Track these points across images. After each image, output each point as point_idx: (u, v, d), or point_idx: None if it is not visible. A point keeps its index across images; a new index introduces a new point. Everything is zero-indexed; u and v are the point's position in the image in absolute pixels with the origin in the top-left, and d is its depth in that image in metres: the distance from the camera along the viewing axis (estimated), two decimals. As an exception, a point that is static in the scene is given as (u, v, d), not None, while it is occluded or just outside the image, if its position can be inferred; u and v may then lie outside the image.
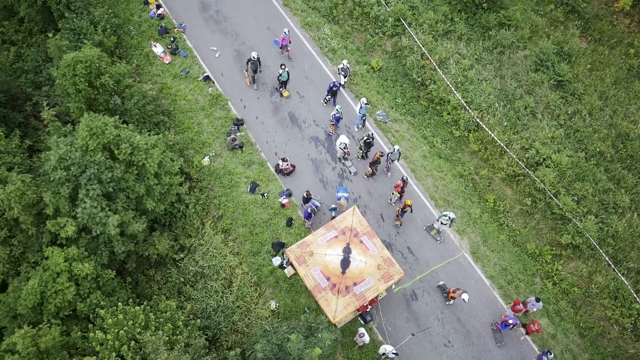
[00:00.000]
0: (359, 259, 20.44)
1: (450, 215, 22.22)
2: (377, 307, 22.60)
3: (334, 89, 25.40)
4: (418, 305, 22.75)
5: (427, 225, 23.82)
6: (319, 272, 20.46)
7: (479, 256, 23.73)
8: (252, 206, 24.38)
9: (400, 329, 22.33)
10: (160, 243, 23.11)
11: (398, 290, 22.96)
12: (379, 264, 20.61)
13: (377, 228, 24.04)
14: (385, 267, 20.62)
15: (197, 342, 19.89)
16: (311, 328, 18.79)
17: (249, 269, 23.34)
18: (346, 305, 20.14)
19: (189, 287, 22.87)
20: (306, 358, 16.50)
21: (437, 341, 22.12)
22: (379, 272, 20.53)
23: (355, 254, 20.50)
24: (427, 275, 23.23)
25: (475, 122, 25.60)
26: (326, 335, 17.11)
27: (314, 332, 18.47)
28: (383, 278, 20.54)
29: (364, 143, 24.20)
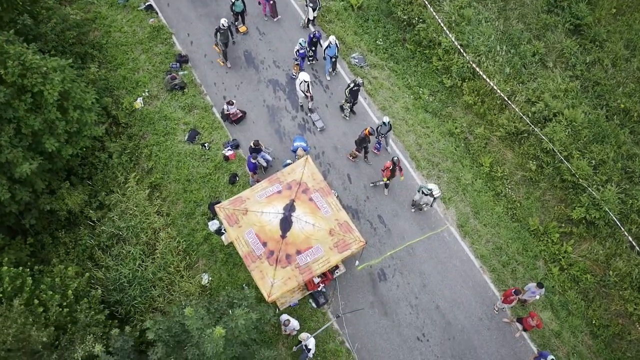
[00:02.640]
0: (305, 219, 15.71)
1: (433, 190, 17.48)
2: (334, 287, 17.86)
3: (314, 40, 20.72)
4: (387, 287, 17.99)
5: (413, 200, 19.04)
6: (253, 235, 15.76)
7: (468, 231, 18.92)
8: (189, 158, 19.78)
9: (362, 316, 17.58)
10: (71, 197, 18.58)
11: (362, 268, 18.22)
12: (332, 229, 15.87)
13: (341, 192, 19.33)
14: (340, 234, 15.88)
15: (92, 319, 15.29)
16: (233, 305, 14.11)
17: (178, 233, 18.74)
18: (286, 280, 15.43)
19: (101, 253, 18.29)
20: (206, 340, 11.84)
21: (408, 334, 17.33)
22: (331, 238, 15.80)
23: (300, 214, 15.77)
24: (400, 251, 18.47)
25: (470, 69, 20.81)
26: (240, 313, 12.43)
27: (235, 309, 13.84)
28: (337, 247, 15.80)
29: (350, 92, 19.48)
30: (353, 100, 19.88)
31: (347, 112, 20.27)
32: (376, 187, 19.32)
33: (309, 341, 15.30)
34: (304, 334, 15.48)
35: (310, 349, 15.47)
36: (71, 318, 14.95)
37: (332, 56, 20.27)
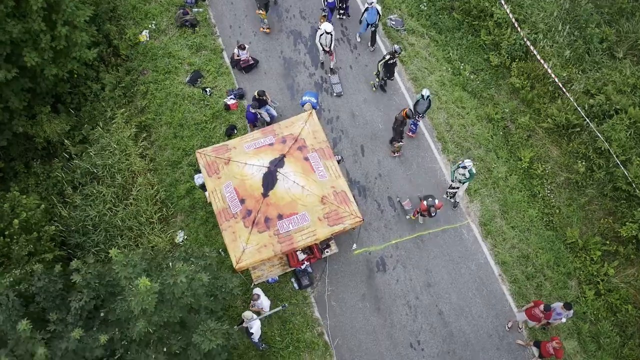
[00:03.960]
0: (294, 179, 13.15)
1: (467, 165, 14.72)
2: (323, 269, 15.26)
3: None
4: (385, 280, 15.26)
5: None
6: (231, 189, 13.34)
7: (491, 231, 15.96)
8: (187, 102, 17.53)
9: (349, 307, 14.92)
10: (51, 124, 16.65)
11: (359, 253, 15.55)
12: (325, 196, 13.27)
13: (351, 164, 16.71)
14: (333, 203, 13.27)
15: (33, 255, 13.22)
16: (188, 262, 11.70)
17: (159, 181, 16.53)
18: (261, 247, 12.93)
19: (71, 190, 16.25)
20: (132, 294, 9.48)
21: (401, 338, 14.57)
22: (322, 207, 13.20)
23: (288, 171, 13.22)
24: (407, 241, 15.71)
25: (524, 47, 17.80)
26: (182, 269, 10.01)
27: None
28: (327, 218, 13.20)
29: (385, 65, 16.71)
30: (388, 76, 17.17)
31: (377, 83, 17.61)
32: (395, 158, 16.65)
33: (252, 323, 12.72)
34: (248, 312, 12.91)
35: (252, 333, 12.94)
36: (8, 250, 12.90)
37: (370, 23, 17.54)
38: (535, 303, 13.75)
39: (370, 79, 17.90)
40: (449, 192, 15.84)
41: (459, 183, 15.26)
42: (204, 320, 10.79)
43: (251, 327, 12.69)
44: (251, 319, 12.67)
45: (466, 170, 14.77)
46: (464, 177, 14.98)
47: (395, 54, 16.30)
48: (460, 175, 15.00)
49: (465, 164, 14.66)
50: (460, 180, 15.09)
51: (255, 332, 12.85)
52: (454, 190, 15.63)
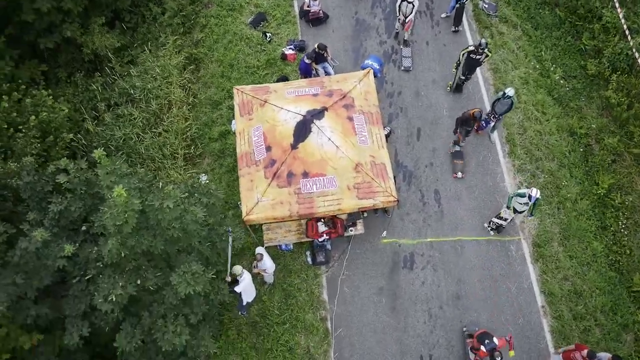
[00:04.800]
0: (329, 136, 11.52)
1: (532, 194, 12.33)
2: (344, 250, 13.61)
3: None
4: (409, 278, 13.43)
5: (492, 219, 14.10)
6: (260, 134, 11.91)
7: (545, 255, 13.75)
8: (244, 43, 16.29)
9: (362, 298, 13.21)
10: (101, 38, 15.88)
11: (388, 243, 13.78)
12: (361, 164, 11.59)
13: (403, 146, 14.95)
14: (368, 175, 11.57)
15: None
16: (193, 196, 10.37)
17: (194, 118, 15.40)
18: (277, 203, 11.44)
19: (105, 107, 15.38)
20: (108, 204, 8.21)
21: (411, 347, 12.72)
22: (354, 176, 11.54)
23: (325, 125, 11.61)
24: (445, 243, 13.79)
25: (630, 59, 15.36)
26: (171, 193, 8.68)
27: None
28: (357, 189, 11.52)
29: (467, 57, 14.45)
30: (467, 73, 14.93)
31: (454, 81, 15.39)
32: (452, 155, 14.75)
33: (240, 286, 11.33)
34: (238, 267, 11.43)
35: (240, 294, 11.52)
36: (15, 143, 12.04)
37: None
38: (577, 347, 11.53)
39: (445, 59, 16.02)
40: (495, 222, 13.60)
41: (512, 213, 13.07)
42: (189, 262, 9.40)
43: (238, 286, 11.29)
44: (240, 274, 11.24)
45: (529, 201, 12.31)
46: (524, 206, 12.72)
47: (480, 48, 14.10)
48: (520, 205, 12.72)
49: (532, 192, 12.20)
50: (517, 210, 12.87)
51: (241, 290, 11.42)
52: (500, 222, 13.45)
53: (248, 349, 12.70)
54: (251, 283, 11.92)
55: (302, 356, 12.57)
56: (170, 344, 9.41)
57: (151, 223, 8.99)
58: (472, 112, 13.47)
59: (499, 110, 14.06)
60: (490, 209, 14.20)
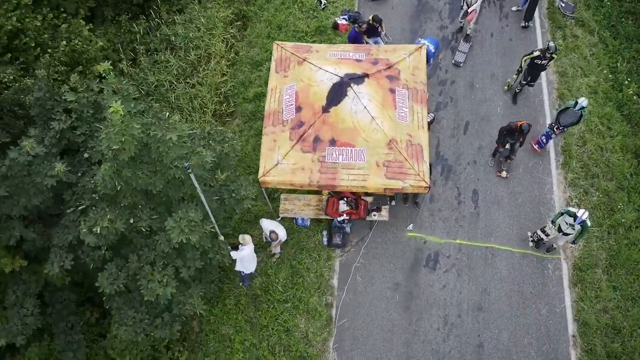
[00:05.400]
0: (365, 104, 10.45)
1: (580, 215, 10.92)
2: (363, 236, 12.56)
3: None
4: (429, 279, 12.24)
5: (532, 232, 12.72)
6: (292, 93, 10.99)
7: (585, 280, 12.27)
8: (296, 7, 15.47)
9: (374, 291, 12.12)
10: (152, -22, 15.36)
11: (412, 237, 12.64)
12: (395, 140, 10.49)
13: (447, 138, 13.76)
14: (401, 153, 10.46)
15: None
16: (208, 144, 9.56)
17: (232, 76, 14.65)
18: (297, 168, 10.51)
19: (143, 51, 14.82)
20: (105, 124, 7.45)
21: (420, 352, 11.55)
22: (385, 151, 10.45)
23: (363, 92, 10.55)
24: (475, 248, 12.53)
25: None
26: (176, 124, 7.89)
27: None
28: (387, 167, 10.44)
29: (530, 64, 13.04)
30: (530, 80, 13.44)
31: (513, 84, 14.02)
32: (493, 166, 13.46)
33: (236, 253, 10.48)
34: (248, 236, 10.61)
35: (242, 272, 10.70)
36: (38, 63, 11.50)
37: None
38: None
39: (509, 55, 14.72)
40: (538, 234, 12.20)
41: (557, 232, 11.67)
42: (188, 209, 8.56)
43: (239, 253, 10.46)
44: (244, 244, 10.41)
45: (575, 223, 10.92)
46: (569, 228, 11.28)
47: (548, 53, 12.71)
48: (565, 226, 11.29)
49: (580, 213, 10.80)
50: (562, 229, 11.47)
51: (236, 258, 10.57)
52: (543, 236, 12.06)
53: (243, 322, 11.81)
54: (252, 257, 11.04)
55: (298, 340, 11.58)
56: (153, 293, 8.61)
57: (153, 157, 8.18)
58: (520, 124, 12.03)
59: (564, 122, 12.61)
60: (532, 221, 12.83)
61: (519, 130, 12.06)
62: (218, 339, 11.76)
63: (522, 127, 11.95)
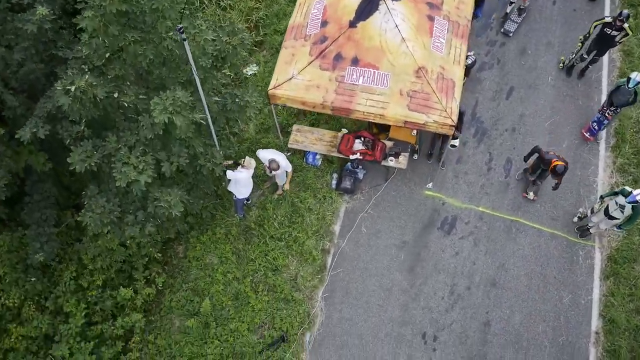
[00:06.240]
0: (398, 23, 9.28)
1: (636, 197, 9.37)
2: (376, 186, 11.40)
3: None
4: (442, 243, 10.97)
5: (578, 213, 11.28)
6: (320, 7, 9.97)
7: (620, 274, 10.71)
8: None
9: (378, 245, 10.92)
10: None
11: (430, 196, 11.40)
12: (425, 68, 9.31)
13: (487, 101, 12.46)
14: (430, 85, 9.27)
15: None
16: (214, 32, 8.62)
17: (266, 6, 13.77)
18: (312, 85, 9.48)
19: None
20: None
21: (417, 319, 10.29)
22: (412, 80, 9.29)
23: (397, 9, 9.40)
24: (498, 220, 11.19)
25: None
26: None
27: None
28: (410, 97, 9.28)
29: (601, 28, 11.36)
30: (597, 52, 11.92)
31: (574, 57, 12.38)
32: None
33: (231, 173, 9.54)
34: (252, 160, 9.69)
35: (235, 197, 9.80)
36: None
37: None
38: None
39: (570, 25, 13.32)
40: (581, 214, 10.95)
41: (602, 216, 10.22)
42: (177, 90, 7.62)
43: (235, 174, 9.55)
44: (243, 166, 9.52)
45: (627, 202, 9.46)
46: (617, 211, 9.83)
47: (618, 20, 11.23)
48: (615, 207, 9.84)
49: (635, 192, 9.32)
50: (609, 212, 10.03)
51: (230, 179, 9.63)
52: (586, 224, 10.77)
53: (230, 254, 10.81)
54: (247, 183, 10.08)
55: (285, 281, 10.49)
56: (125, 178, 7.69)
57: (147, 21, 7.30)
58: (554, 164, 10.03)
59: (617, 102, 11.11)
60: (569, 201, 11.38)
61: (552, 170, 10.18)
62: (200, 267, 10.80)
63: (556, 168, 10.00)
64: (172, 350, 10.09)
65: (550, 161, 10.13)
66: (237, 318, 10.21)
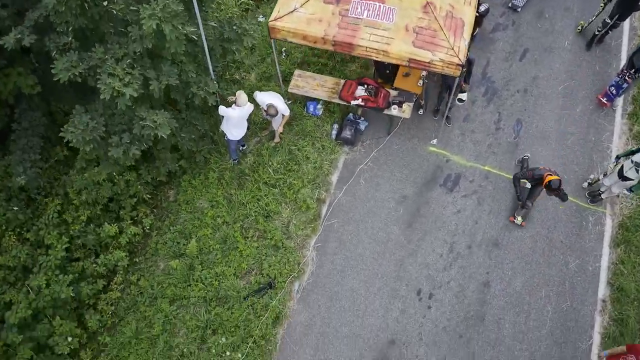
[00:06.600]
0: (408, -48, 8.88)
1: None
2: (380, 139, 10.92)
3: None
4: (443, 200, 10.45)
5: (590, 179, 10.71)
6: (329, -62, 9.55)
7: (631, 242, 10.06)
8: None
9: (376, 198, 10.43)
10: None
11: (434, 152, 10.89)
12: (432, 4, 8.82)
13: (499, 61, 11.94)
14: (438, 22, 8.78)
15: None
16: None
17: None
18: (314, 19, 9.06)
19: None
20: None
21: (412, 275, 9.78)
22: (419, 15, 8.81)
23: (410, -61, 9.00)
24: (505, 180, 10.64)
25: None
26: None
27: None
28: (416, 34, 8.80)
29: None
30: (616, 15, 11.27)
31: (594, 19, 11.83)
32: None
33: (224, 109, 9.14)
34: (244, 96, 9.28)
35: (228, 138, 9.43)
36: None
37: None
38: (630, 349, 8.00)
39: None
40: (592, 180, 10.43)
41: (615, 178, 9.67)
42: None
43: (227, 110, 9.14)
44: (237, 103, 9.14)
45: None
46: (633, 172, 9.25)
47: None
48: (630, 166, 9.25)
49: None
50: (623, 173, 9.45)
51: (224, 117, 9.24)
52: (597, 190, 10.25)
53: (221, 198, 10.36)
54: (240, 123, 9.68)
55: (276, 227, 10.01)
56: (110, 90, 7.31)
57: None
58: (548, 179, 9.09)
59: (639, 64, 10.55)
60: (580, 166, 10.80)
61: (546, 186, 9.17)
62: (190, 211, 10.37)
63: (550, 183, 9.03)
64: (154, 291, 9.65)
65: (542, 177, 9.16)
66: (224, 262, 9.75)
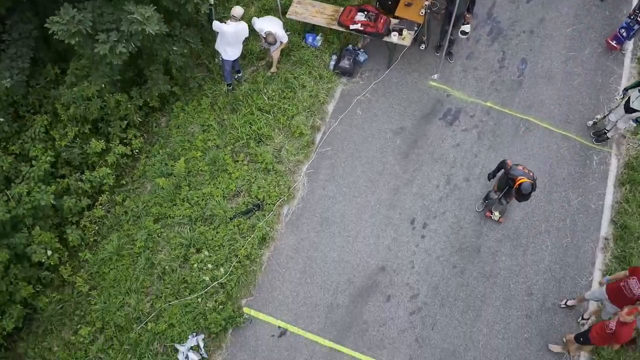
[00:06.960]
0: None
1: None
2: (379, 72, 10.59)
3: None
4: (442, 133, 10.11)
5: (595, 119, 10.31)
6: None
7: (635, 181, 9.63)
8: None
9: (373, 128, 10.11)
10: None
11: (435, 87, 10.55)
12: None
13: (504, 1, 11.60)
14: None
15: None
16: None
17: None
18: None
19: None
20: None
21: (407, 205, 9.41)
22: None
23: None
24: (506, 117, 10.29)
25: None
26: None
27: None
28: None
29: None
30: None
31: None
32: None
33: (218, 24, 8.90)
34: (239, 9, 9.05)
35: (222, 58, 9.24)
36: None
37: None
38: (633, 272, 7.56)
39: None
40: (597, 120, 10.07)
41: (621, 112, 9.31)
42: None
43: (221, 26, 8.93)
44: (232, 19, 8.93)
45: None
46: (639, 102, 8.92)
47: None
48: (636, 98, 8.88)
49: None
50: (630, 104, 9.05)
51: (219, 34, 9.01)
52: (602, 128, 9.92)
53: (213, 122, 10.06)
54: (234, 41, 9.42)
55: (267, 151, 9.69)
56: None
57: None
58: (519, 182, 8.05)
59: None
60: (586, 106, 10.42)
61: (516, 190, 8.15)
62: (181, 134, 10.08)
63: (520, 187, 8.03)
64: (139, 209, 9.35)
65: (514, 178, 8.15)
66: (212, 184, 9.44)
